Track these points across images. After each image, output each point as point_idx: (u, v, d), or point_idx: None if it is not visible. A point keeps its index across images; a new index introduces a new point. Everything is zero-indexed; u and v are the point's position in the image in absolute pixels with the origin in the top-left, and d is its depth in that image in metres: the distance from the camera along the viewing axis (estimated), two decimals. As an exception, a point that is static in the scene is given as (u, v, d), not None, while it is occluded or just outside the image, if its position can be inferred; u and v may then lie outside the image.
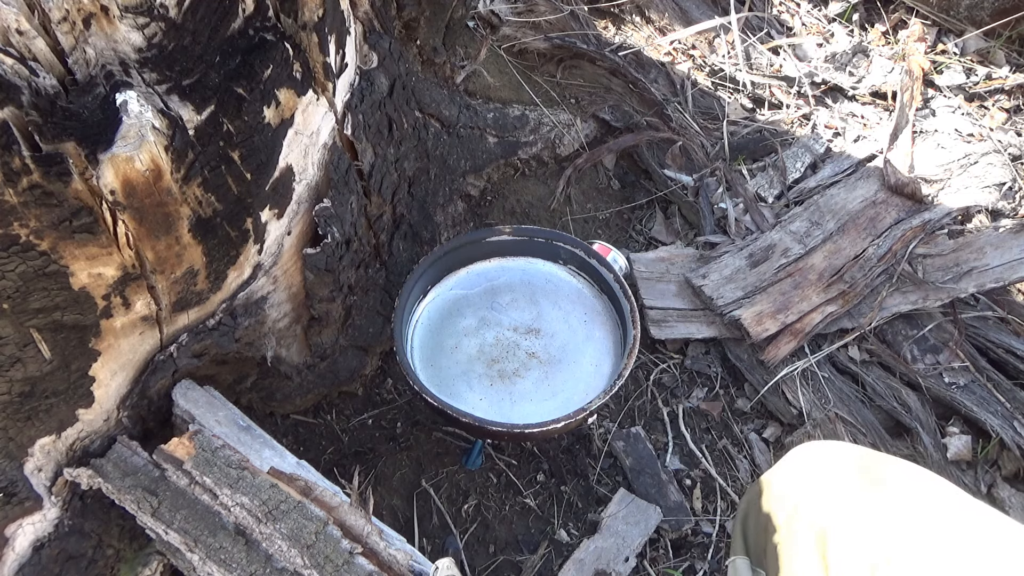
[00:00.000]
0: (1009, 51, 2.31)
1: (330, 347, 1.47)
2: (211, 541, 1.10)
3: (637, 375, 1.68)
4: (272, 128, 1.08)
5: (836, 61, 2.27)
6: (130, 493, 1.12)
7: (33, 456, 1.11)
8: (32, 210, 0.87)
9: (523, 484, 1.51)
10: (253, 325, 1.29)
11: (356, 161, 1.36)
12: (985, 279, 1.71)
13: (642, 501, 1.48)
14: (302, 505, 1.10)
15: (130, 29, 0.88)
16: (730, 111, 2.09)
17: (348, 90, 1.33)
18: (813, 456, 0.96)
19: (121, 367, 1.14)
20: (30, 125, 0.83)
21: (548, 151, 1.91)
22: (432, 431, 1.54)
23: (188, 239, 1.04)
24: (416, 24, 1.56)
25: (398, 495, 1.48)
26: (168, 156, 0.93)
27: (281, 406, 1.48)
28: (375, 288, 1.52)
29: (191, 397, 1.27)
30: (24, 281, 0.92)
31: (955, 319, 1.72)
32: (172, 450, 1.15)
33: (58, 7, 0.82)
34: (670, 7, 2.31)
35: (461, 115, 1.72)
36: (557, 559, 1.43)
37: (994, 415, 1.60)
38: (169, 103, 0.93)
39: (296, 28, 1.06)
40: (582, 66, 2.05)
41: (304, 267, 1.31)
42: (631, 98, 2.04)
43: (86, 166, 0.88)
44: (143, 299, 1.07)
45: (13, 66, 0.81)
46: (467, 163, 1.75)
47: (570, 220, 1.87)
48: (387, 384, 1.59)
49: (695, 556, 1.47)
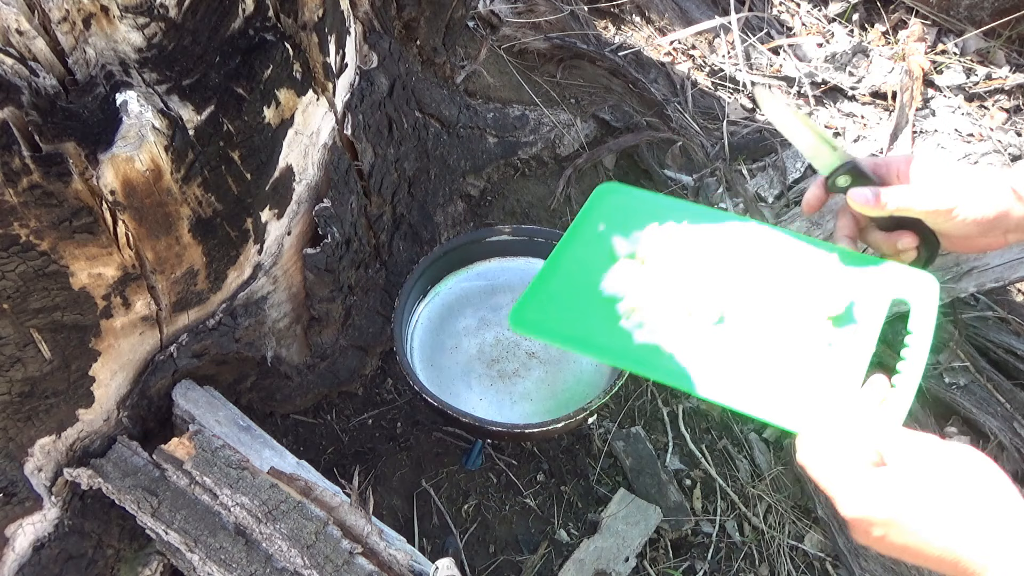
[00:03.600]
0: (1009, 51, 2.31)
1: (330, 347, 1.47)
2: (211, 541, 1.10)
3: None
4: (272, 128, 1.08)
5: (836, 61, 2.27)
6: (130, 493, 1.12)
7: (33, 456, 1.11)
8: (32, 210, 0.87)
9: (523, 484, 1.51)
10: (253, 325, 1.29)
11: (356, 161, 1.36)
12: (985, 279, 1.71)
13: (642, 501, 1.48)
14: (302, 505, 1.10)
15: (130, 29, 0.88)
16: (730, 111, 2.09)
17: (348, 90, 1.33)
18: None
19: (121, 367, 1.14)
20: (30, 125, 0.83)
21: (548, 151, 1.91)
22: (432, 431, 1.54)
23: (188, 239, 1.04)
24: (416, 24, 1.56)
25: (398, 495, 1.48)
26: (168, 156, 0.93)
27: (281, 406, 1.48)
28: (375, 288, 1.52)
29: (191, 397, 1.27)
30: (24, 281, 0.92)
31: (955, 319, 1.72)
32: (172, 450, 1.15)
33: (58, 7, 0.82)
34: (670, 7, 2.31)
35: (461, 115, 1.72)
36: (557, 559, 1.43)
37: (993, 416, 1.59)
38: (169, 103, 0.93)
39: (296, 28, 1.06)
40: (582, 66, 2.05)
41: (304, 267, 1.31)
42: (631, 98, 2.04)
43: (86, 166, 0.88)
44: (143, 299, 1.07)
45: (13, 66, 0.81)
46: (467, 163, 1.75)
47: (570, 220, 1.86)
48: (387, 384, 1.59)
49: (695, 556, 1.47)
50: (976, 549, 0.71)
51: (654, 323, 1.07)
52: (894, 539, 0.76)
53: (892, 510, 0.76)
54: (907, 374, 0.95)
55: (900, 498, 0.76)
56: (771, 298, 1.07)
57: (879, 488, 0.78)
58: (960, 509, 0.73)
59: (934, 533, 0.73)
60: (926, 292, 1.03)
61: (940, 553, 0.73)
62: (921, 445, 0.78)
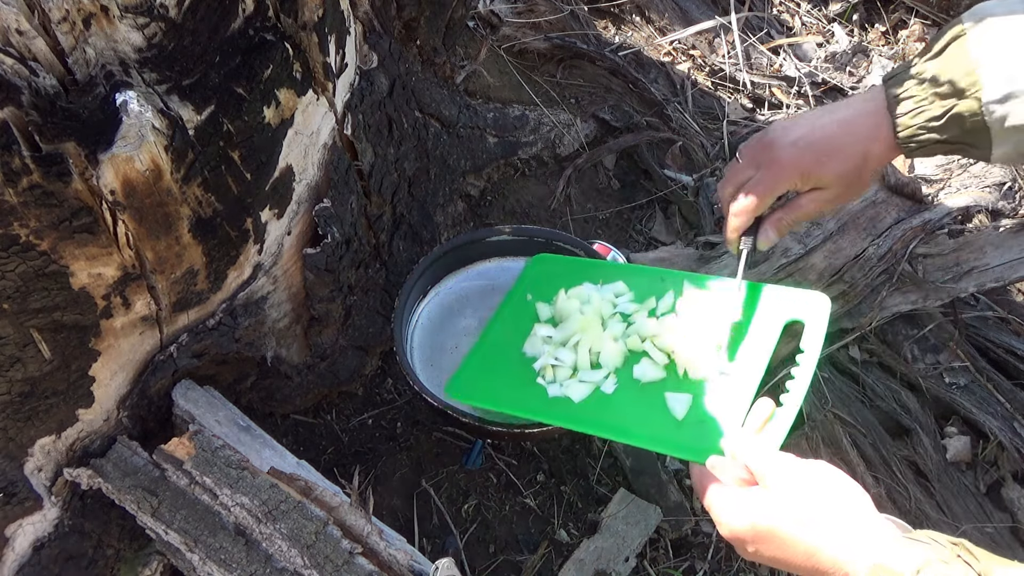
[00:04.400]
0: (1009, 51, 2.31)
1: (330, 347, 1.47)
2: (211, 541, 1.10)
3: (637, 375, 1.68)
4: (272, 128, 1.08)
5: (836, 61, 2.27)
6: (130, 493, 1.12)
7: (33, 456, 1.11)
8: (32, 210, 0.87)
9: (523, 484, 1.51)
10: (253, 325, 1.29)
11: (356, 161, 1.36)
12: (985, 279, 1.71)
13: (642, 501, 1.48)
14: (302, 505, 1.10)
15: (130, 29, 0.88)
16: (730, 111, 2.09)
17: (348, 90, 1.33)
18: None
19: (121, 367, 1.14)
20: (30, 125, 0.83)
21: (548, 151, 1.91)
22: (432, 431, 1.54)
23: (188, 239, 1.04)
24: (416, 24, 1.56)
25: (398, 495, 1.48)
26: (168, 156, 0.93)
27: (281, 406, 1.48)
28: (375, 288, 1.52)
29: (191, 397, 1.27)
30: (24, 281, 0.92)
31: (955, 319, 1.72)
32: (172, 450, 1.15)
33: (58, 7, 0.82)
34: (670, 7, 2.31)
35: (461, 115, 1.73)
36: (557, 559, 1.43)
37: (993, 416, 1.59)
38: (169, 103, 0.93)
39: (296, 28, 1.06)
40: (582, 66, 2.05)
41: (304, 267, 1.31)
42: (631, 98, 2.04)
43: (86, 166, 0.88)
44: (143, 299, 1.07)
45: (13, 66, 0.81)
46: (467, 163, 1.75)
47: (570, 220, 1.87)
48: (387, 384, 1.59)
49: (695, 556, 1.47)
50: (834, 548, 0.77)
51: (562, 378, 1.21)
52: (764, 552, 0.83)
53: (757, 525, 0.83)
54: (792, 394, 1.00)
55: (764, 514, 0.83)
56: (669, 338, 1.17)
57: (744, 507, 0.85)
58: (818, 515, 0.80)
59: (797, 539, 0.79)
60: (817, 311, 1.10)
61: (804, 558, 0.79)
62: (785, 465, 0.85)
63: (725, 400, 1.06)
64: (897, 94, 1.00)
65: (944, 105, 0.96)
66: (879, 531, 0.76)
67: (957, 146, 0.99)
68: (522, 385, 1.22)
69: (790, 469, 0.85)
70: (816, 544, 0.78)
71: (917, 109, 0.98)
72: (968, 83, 0.93)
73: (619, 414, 1.12)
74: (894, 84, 1.01)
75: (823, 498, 0.81)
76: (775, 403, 0.97)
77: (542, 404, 1.18)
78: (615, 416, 1.12)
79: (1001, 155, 0.97)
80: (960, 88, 0.94)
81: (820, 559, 0.77)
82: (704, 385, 1.10)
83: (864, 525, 0.77)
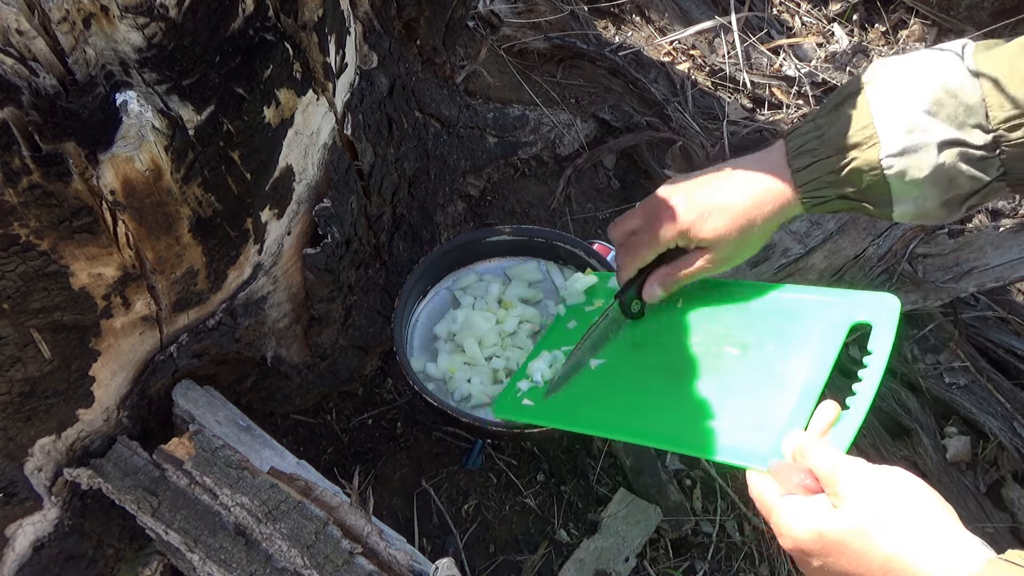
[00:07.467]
0: (1009, 51, 2.31)
1: (330, 347, 1.47)
2: (211, 541, 1.10)
3: (637, 375, 1.68)
4: (272, 128, 1.08)
5: (836, 61, 2.27)
6: (130, 493, 1.12)
7: (33, 456, 1.11)
8: (32, 210, 0.87)
9: (523, 484, 1.51)
10: (253, 325, 1.29)
11: (356, 161, 1.36)
12: (985, 279, 1.71)
13: (642, 501, 1.48)
14: (302, 505, 1.10)
15: (130, 29, 0.88)
16: (730, 111, 2.09)
17: (348, 90, 1.33)
18: None
19: (121, 367, 1.14)
20: (30, 125, 0.83)
21: (548, 151, 1.91)
22: (432, 431, 1.54)
23: (188, 239, 1.04)
24: (416, 24, 1.56)
25: (398, 495, 1.48)
26: (168, 156, 0.93)
27: (281, 406, 1.48)
28: (375, 288, 1.52)
29: (191, 397, 1.27)
30: (24, 281, 0.92)
31: (955, 319, 1.72)
32: (172, 450, 1.15)
33: (58, 7, 0.82)
34: (670, 7, 2.31)
35: (461, 115, 1.72)
36: (557, 559, 1.43)
37: (993, 416, 1.60)
38: (169, 103, 0.93)
39: (296, 28, 1.06)
40: (582, 66, 2.05)
41: (304, 267, 1.31)
42: (631, 98, 2.04)
43: (86, 166, 0.88)
44: (143, 299, 1.07)
45: (13, 66, 0.81)
46: (467, 163, 1.75)
47: (570, 220, 1.86)
48: (387, 384, 1.59)
49: (695, 556, 1.47)
50: (918, 557, 0.70)
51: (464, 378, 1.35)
52: (832, 566, 0.75)
53: (826, 536, 0.75)
54: (860, 396, 0.94)
55: (834, 522, 0.75)
56: (726, 344, 1.11)
57: (812, 516, 0.77)
58: (898, 523, 0.72)
59: (873, 548, 0.72)
60: (886, 312, 1.03)
61: (881, 568, 0.71)
62: (858, 470, 0.78)
63: (783, 403, 0.99)
64: (797, 147, 0.97)
65: (842, 159, 0.94)
66: (969, 545, 0.69)
67: (856, 203, 0.97)
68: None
69: (864, 474, 0.77)
70: (895, 552, 0.70)
71: (816, 163, 0.96)
72: (865, 136, 0.92)
73: (658, 420, 1.06)
74: (794, 138, 0.99)
75: (902, 506, 0.73)
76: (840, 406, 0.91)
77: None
78: (656, 423, 1.06)
79: (901, 213, 0.95)
80: (857, 142, 0.92)
81: (899, 566, 0.70)
82: (762, 391, 1.03)
83: (951, 537, 0.70)
